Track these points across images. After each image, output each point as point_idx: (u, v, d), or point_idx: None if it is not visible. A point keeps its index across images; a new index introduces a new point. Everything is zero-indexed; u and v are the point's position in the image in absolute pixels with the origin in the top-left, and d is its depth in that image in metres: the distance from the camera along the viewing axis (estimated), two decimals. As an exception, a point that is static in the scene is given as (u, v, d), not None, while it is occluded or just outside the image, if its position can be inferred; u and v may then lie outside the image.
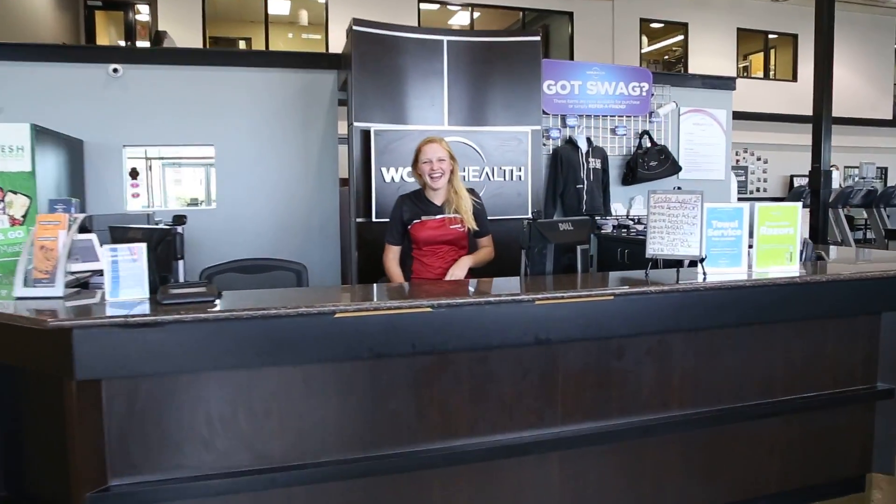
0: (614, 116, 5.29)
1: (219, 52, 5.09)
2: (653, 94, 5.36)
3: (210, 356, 1.91)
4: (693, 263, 2.49)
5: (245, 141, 4.51)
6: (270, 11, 12.26)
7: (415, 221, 2.90)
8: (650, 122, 5.40)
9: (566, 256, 2.61)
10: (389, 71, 3.84)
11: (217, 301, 1.99)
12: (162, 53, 4.57)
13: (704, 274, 2.44)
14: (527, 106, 4.05)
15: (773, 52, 14.24)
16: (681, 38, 13.42)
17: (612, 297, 2.19)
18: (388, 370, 2.08)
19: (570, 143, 5.10)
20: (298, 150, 4.61)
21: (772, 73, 14.19)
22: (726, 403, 2.51)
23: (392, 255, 2.95)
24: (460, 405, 2.16)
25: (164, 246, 2.19)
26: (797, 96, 13.20)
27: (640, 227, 5.19)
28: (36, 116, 3.72)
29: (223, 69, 4.46)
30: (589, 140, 5.14)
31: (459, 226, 2.91)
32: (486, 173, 3.97)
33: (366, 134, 3.78)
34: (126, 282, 2.04)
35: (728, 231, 2.56)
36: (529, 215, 4.04)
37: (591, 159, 5.10)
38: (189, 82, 4.41)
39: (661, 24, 13.39)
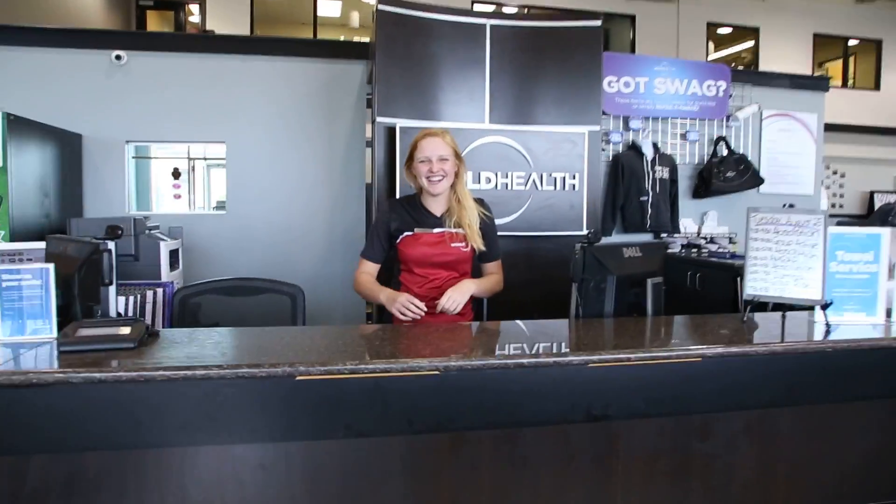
0: (685, 119, 4.58)
1: (232, 39, 4.61)
2: (731, 95, 4.63)
3: (120, 429, 1.35)
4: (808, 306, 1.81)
5: (260, 139, 4.00)
6: (320, 13, 11.94)
7: (406, 234, 2.28)
8: (727, 126, 4.67)
9: (632, 292, 1.96)
10: (421, 58, 3.26)
11: (139, 347, 1.43)
12: (170, 39, 4.12)
13: (828, 325, 1.76)
14: (584, 103, 3.40)
15: (852, 58, 13.15)
16: (751, 43, 12.50)
17: (698, 360, 1.54)
18: (376, 453, 1.47)
19: (634, 148, 4.41)
20: (321, 151, 4.07)
21: (851, 81, 13.09)
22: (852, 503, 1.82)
23: (365, 276, 2.30)
24: (478, 501, 1.54)
25: (92, 266, 1.64)
26: (879, 106, 12.11)
27: (713, 248, 4.46)
28: (27, 107, 3.29)
29: (238, 58, 3.97)
30: (655, 146, 4.45)
31: (462, 244, 2.28)
32: (533, 181, 3.34)
33: (390, 131, 3.21)
34: (25, 314, 1.50)
35: (859, 266, 1.87)
36: (584, 231, 3.39)
37: (657, 168, 4.40)
38: (200, 72, 3.93)
39: (730, 29, 12.51)
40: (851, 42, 12.99)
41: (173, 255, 3.38)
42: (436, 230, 2.28)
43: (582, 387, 1.50)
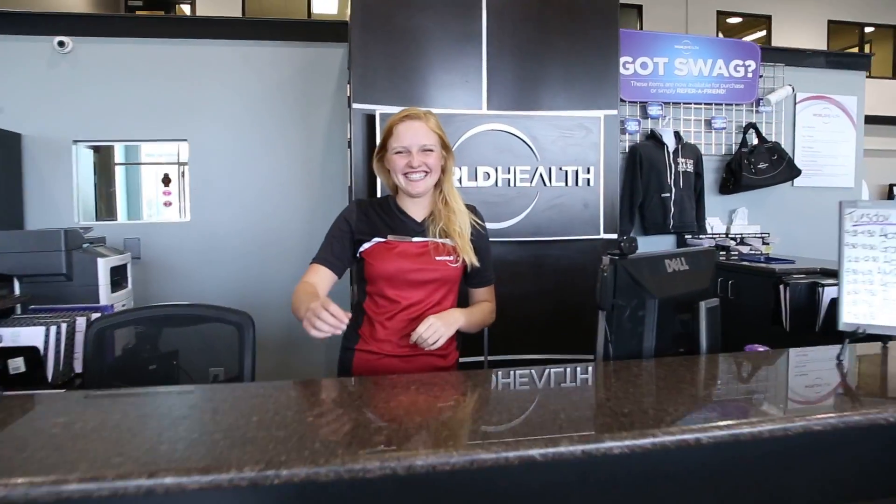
0: (711, 105, 4.06)
1: (192, 21, 4.11)
2: (761, 76, 4.10)
3: None
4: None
5: (227, 136, 3.50)
6: (314, 10, 11.48)
7: (376, 239, 1.76)
8: (757, 112, 4.14)
9: (677, 319, 1.44)
10: (405, 33, 2.75)
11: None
12: (121, 23, 3.61)
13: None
14: (598, 82, 2.88)
15: (868, 46, 12.60)
16: (763, 33, 11.98)
17: (819, 427, 1.02)
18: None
19: (653, 138, 3.90)
20: (297, 148, 3.57)
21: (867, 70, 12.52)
22: None
23: (306, 285, 1.69)
24: None
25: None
26: (898, 95, 11.60)
27: (744, 250, 3.94)
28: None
29: (200, 43, 3.47)
30: (678, 135, 3.93)
31: (451, 258, 1.76)
32: (540, 175, 2.82)
33: (369, 120, 2.69)
34: None
35: None
36: (600, 234, 2.87)
37: (680, 160, 3.88)
38: (157, 60, 3.43)
39: (741, 18, 12.00)
40: (868, 29, 12.46)
41: (118, 272, 2.87)
42: (416, 239, 1.77)
43: (627, 482, 0.98)
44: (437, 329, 1.62)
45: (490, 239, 1.87)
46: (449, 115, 2.70)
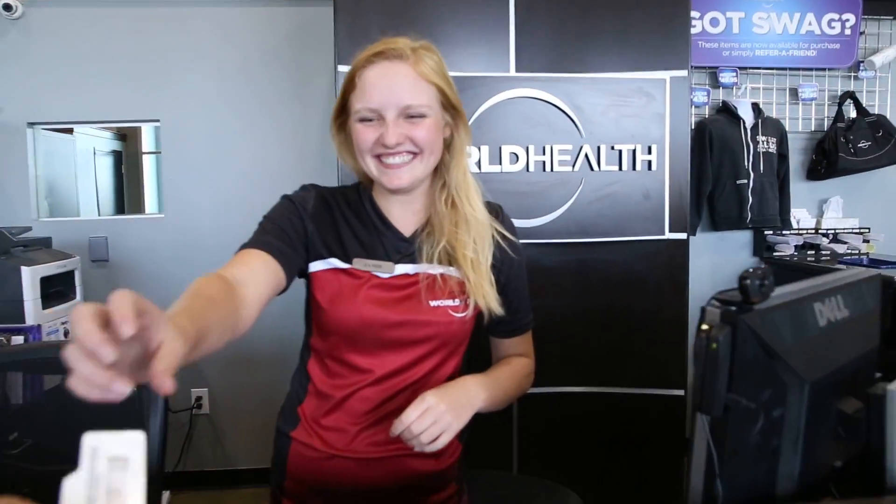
0: (798, 70, 3.29)
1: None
2: (862, 33, 3.31)
3: None
4: None
5: (206, 114, 2.92)
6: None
7: (333, 262, 1.12)
8: (857, 78, 3.35)
9: (837, 414, 0.77)
10: (408, -24, 2.12)
11: None
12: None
13: None
14: (663, 34, 2.18)
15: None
16: None
17: None
18: None
19: (726, 112, 3.16)
20: (287, 128, 2.97)
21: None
22: None
23: (217, 280, 0.91)
24: None
25: None
26: None
27: (839, 249, 3.19)
28: None
29: (174, 5, 2.88)
30: (757, 108, 3.18)
31: (455, 303, 1.12)
32: (586, 156, 2.14)
33: (360, 87, 2.07)
34: None
35: None
36: (665, 233, 2.18)
37: (760, 138, 3.14)
38: (123, 28, 2.86)
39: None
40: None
41: (57, 281, 2.33)
42: (398, 267, 1.12)
43: None
44: (438, 417, 0.98)
45: (521, 241, 1.21)
46: (463, 78, 2.05)
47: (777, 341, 0.68)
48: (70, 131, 4.63)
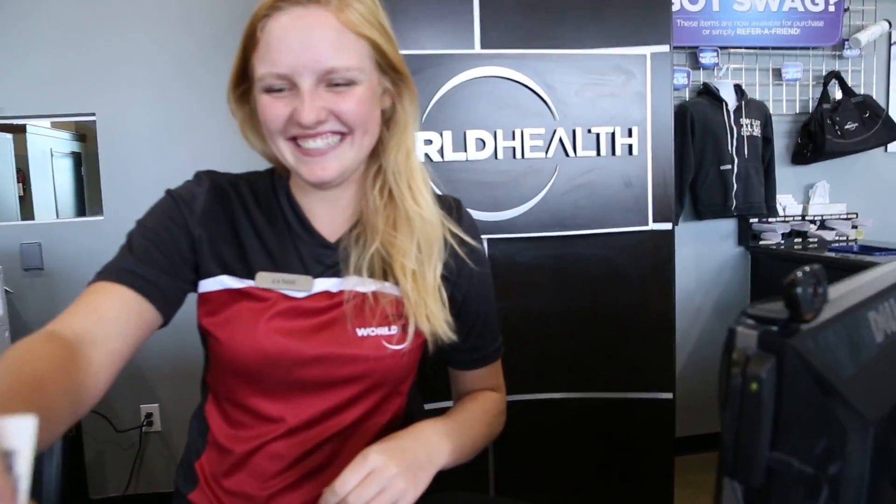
0: (781, 49, 3.13)
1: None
2: (846, 9, 3.16)
3: None
4: None
5: (149, 107, 2.67)
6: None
7: (226, 280, 0.87)
8: (842, 57, 3.20)
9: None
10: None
11: None
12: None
13: None
14: (642, 7, 1.99)
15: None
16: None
17: None
18: None
19: (708, 94, 2.99)
20: (228, 123, 2.71)
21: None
22: None
23: (76, 317, 0.76)
24: None
25: None
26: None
27: (827, 236, 3.04)
28: None
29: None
30: (739, 90, 3.02)
31: (390, 332, 0.87)
32: (560, 141, 1.94)
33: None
34: None
35: None
36: (648, 224, 1.99)
37: (744, 121, 2.98)
38: (53, 15, 2.60)
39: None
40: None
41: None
42: (318, 283, 0.88)
43: None
44: (387, 484, 0.74)
45: (491, 236, 0.97)
46: (423, 56, 1.84)
47: (834, 371, 0.48)
48: (20, 129, 4.34)
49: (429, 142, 1.85)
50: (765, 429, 0.43)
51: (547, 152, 1.94)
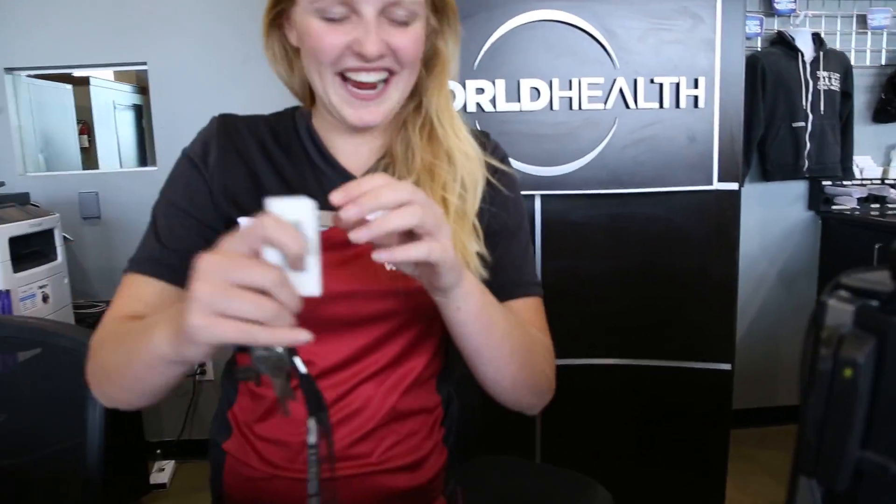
0: (867, -7, 2.88)
1: None
2: (945, -52, 2.86)
3: None
4: None
5: (200, 55, 2.65)
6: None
7: (242, 224, 0.78)
8: (935, 2, 2.92)
9: None
10: None
11: None
12: None
13: None
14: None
15: None
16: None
17: None
18: None
19: (782, 43, 2.77)
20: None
21: None
22: None
23: (119, 322, 0.76)
24: None
25: None
26: None
27: (909, 200, 2.81)
28: None
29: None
30: (818, 38, 2.79)
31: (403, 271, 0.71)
32: (620, 91, 1.82)
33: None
34: None
35: None
36: (713, 184, 1.87)
37: (821, 74, 2.75)
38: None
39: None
40: None
41: (35, 241, 2.13)
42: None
43: None
44: (424, 203, 0.61)
45: (544, 192, 0.90)
46: (475, -1, 1.74)
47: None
48: (84, 82, 4.42)
49: (480, 90, 1.77)
50: (857, 423, 0.36)
51: (606, 103, 1.82)
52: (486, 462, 1.41)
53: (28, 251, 2.11)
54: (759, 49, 2.80)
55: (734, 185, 1.87)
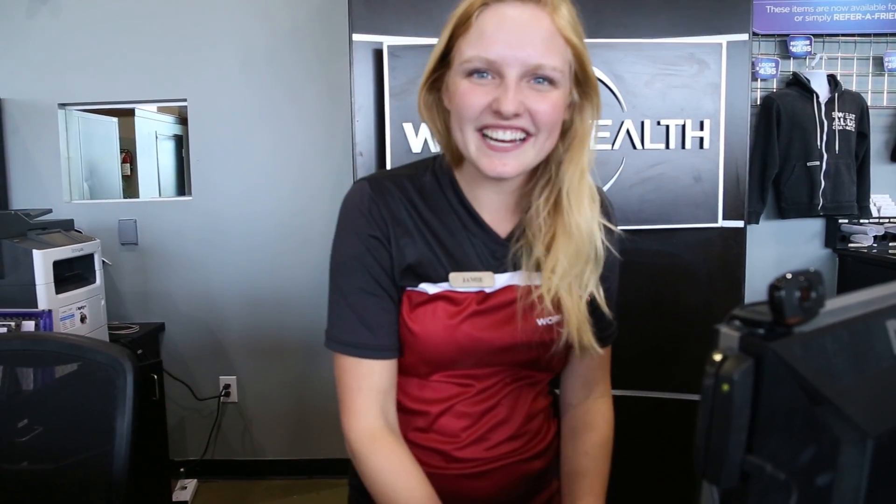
0: (883, 36, 2.92)
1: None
2: (962, -7, 2.91)
3: None
4: None
5: (231, 94, 2.81)
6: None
7: (424, 289, 0.91)
8: (952, 45, 2.96)
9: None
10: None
11: None
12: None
13: None
14: (719, -5, 1.92)
15: None
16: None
17: None
18: None
19: (797, 85, 2.84)
20: (319, 107, 2.82)
21: None
22: None
23: (376, 403, 0.92)
24: None
25: None
26: None
27: (927, 239, 2.82)
28: None
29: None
30: (833, 80, 2.85)
31: (559, 319, 0.93)
32: (627, 133, 1.91)
33: (377, 56, 1.89)
34: None
35: None
36: (718, 221, 1.93)
37: (836, 115, 2.80)
38: (151, 6, 2.78)
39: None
40: None
41: (74, 265, 2.27)
42: (499, 279, 0.93)
43: None
44: None
45: None
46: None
47: (826, 379, 0.47)
48: (129, 113, 4.67)
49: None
50: (735, 431, 0.43)
51: (613, 144, 1.91)
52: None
53: (70, 274, 2.25)
54: (774, 90, 2.86)
55: (740, 223, 1.93)
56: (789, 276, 0.45)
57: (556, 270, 0.89)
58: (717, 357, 0.44)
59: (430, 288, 0.91)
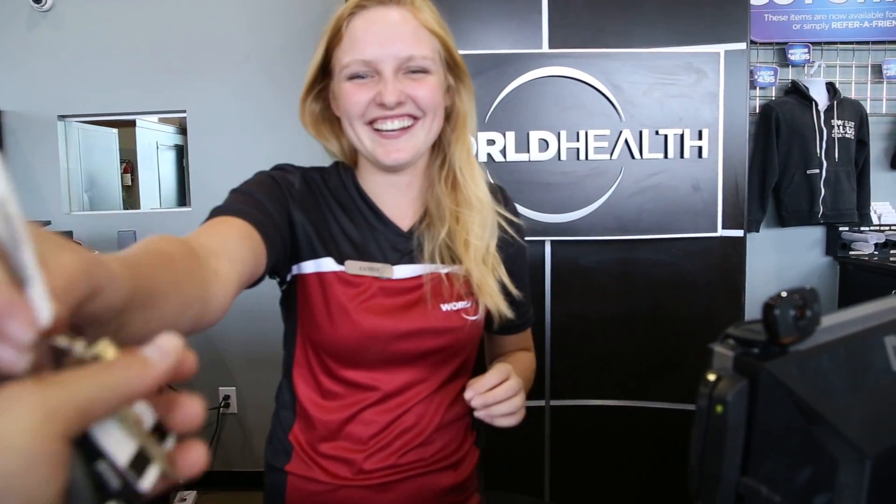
0: (882, 43, 2.92)
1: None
2: (959, 1, 2.91)
3: None
4: None
5: (233, 105, 2.82)
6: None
7: (326, 265, 0.92)
8: (951, 52, 2.96)
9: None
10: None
11: None
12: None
13: None
14: (716, 2, 1.92)
15: None
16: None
17: None
18: None
19: (796, 93, 2.84)
20: (314, 117, 2.82)
21: None
22: None
23: (202, 236, 0.71)
24: None
25: None
26: None
27: (928, 246, 2.81)
28: None
29: (198, -8, 2.79)
30: (832, 88, 2.85)
31: (467, 304, 0.96)
32: (626, 142, 1.90)
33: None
34: None
35: None
36: (717, 230, 1.93)
37: (835, 123, 2.80)
38: (150, 18, 2.79)
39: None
40: None
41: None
42: (398, 269, 0.94)
43: None
44: (516, 390, 0.89)
45: (553, 238, 1.12)
46: (487, 56, 1.85)
47: (823, 398, 0.46)
48: (130, 124, 4.67)
49: (491, 142, 1.87)
50: (730, 453, 0.43)
51: (612, 154, 1.91)
52: (496, 499, 1.47)
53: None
54: (773, 98, 2.86)
55: (739, 232, 1.92)
56: (784, 294, 0.44)
57: (469, 242, 0.94)
58: (711, 377, 0.44)
59: (331, 265, 0.92)
